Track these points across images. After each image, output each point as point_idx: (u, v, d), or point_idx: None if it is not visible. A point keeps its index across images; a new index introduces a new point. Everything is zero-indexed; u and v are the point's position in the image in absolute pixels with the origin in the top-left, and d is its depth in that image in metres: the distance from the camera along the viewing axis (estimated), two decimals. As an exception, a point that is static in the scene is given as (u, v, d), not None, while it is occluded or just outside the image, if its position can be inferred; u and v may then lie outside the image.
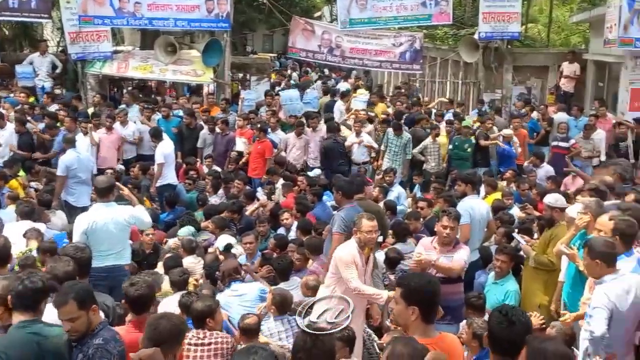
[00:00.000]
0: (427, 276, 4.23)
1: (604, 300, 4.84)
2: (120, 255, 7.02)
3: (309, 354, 3.54)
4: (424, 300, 3.92)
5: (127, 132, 13.20)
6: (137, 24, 16.06)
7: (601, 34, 15.48)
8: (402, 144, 13.03)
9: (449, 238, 6.57)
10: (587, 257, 5.01)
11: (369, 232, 6.02)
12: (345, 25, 16.67)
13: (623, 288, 4.92)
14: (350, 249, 6.13)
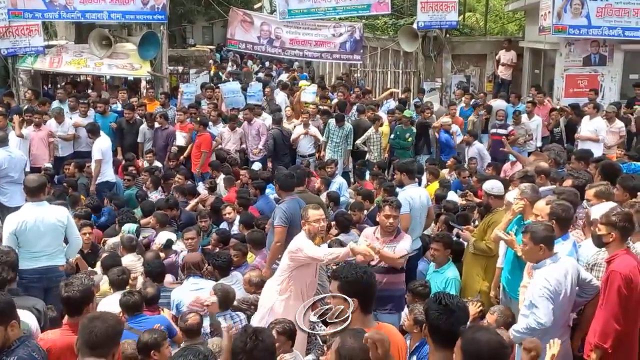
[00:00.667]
0: (362, 267, 4.18)
1: (548, 288, 4.90)
2: (53, 256, 6.81)
3: (249, 356, 3.46)
4: (362, 291, 3.89)
5: (62, 130, 12.81)
6: (69, 17, 15.65)
7: (536, 21, 15.80)
8: (344, 134, 13.04)
9: (392, 227, 6.55)
10: (529, 242, 5.05)
11: (317, 221, 6.01)
12: (284, 16, 16.57)
13: (561, 272, 4.99)
14: (301, 240, 6.09)
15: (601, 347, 4.90)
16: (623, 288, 4.83)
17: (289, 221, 6.96)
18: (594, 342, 4.94)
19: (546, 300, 4.88)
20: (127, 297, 5.80)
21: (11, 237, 6.57)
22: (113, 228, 9.50)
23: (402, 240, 6.63)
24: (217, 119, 13.73)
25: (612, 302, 4.86)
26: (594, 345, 4.94)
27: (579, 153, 9.55)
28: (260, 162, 12.98)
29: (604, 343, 4.88)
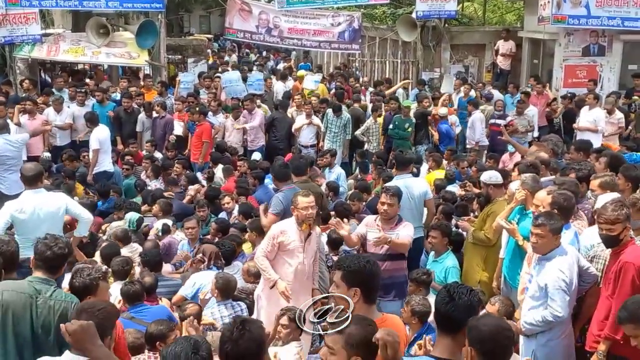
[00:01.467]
0: (365, 257, 4.17)
1: (565, 280, 4.93)
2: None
3: (235, 344, 3.45)
4: (365, 281, 3.88)
5: (60, 119, 12.76)
6: (67, 5, 15.54)
7: (535, 11, 15.76)
8: (342, 124, 13.01)
9: (386, 214, 6.54)
10: (547, 234, 5.01)
11: (305, 209, 6.04)
12: (282, 5, 16.50)
13: (570, 262, 5.04)
14: (283, 225, 6.24)
15: (612, 338, 4.85)
16: (636, 279, 4.80)
17: (283, 211, 6.94)
18: (604, 334, 4.90)
19: (562, 292, 4.93)
20: (128, 287, 5.80)
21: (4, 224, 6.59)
22: (112, 217, 9.52)
23: (404, 228, 6.61)
24: (217, 109, 13.67)
25: (625, 293, 4.79)
26: (604, 336, 4.91)
27: (578, 144, 9.55)
28: (259, 152, 12.95)
29: (615, 334, 4.82)
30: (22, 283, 4.44)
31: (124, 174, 11.60)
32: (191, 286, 6.80)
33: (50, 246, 4.51)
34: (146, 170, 11.64)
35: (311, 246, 6.21)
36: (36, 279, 4.44)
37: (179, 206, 9.78)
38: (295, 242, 6.11)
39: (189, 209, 9.78)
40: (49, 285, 4.42)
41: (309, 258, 6.19)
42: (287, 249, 6.11)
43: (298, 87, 16.64)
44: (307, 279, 6.23)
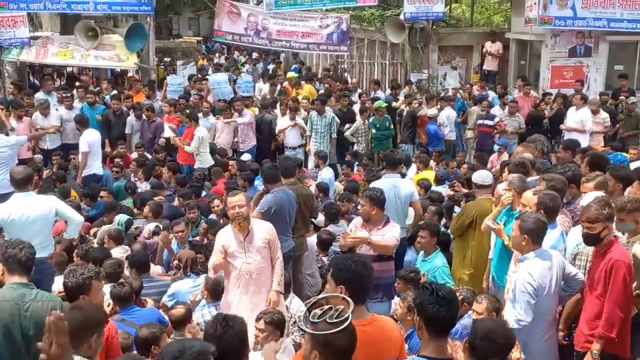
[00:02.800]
0: (355, 256, 4.20)
1: (531, 284, 4.93)
2: (42, 247, 6.74)
3: (219, 341, 3.51)
4: (351, 279, 3.90)
5: (48, 123, 12.73)
6: (55, 8, 15.51)
7: (522, 13, 15.90)
8: (327, 123, 13.06)
9: (364, 214, 6.57)
10: (516, 229, 5.11)
11: (232, 207, 6.05)
12: (271, 7, 16.55)
13: (545, 266, 5.02)
14: (223, 230, 6.36)
15: (607, 336, 4.88)
16: (627, 276, 4.86)
17: (270, 212, 6.98)
18: (598, 333, 4.91)
19: (527, 295, 4.92)
20: (119, 289, 5.81)
21: None
22: (101, 220, 9.51)
23: (391, 229, 6.64)
24: (207, 111, 13.69)
25: (618, 290, 4.85)
26: (598, 335, 4.92)
27: (566, 143, 9.66)
28: (249, 153, 12.98)
29: (610, 333, 4.87)
30: (3, 291, 4.42)
31: (113, 176, 11.60)
32: (170, 295, 6.83)
33: (19, 247, 4.58)
34: (136, 172, 11.65)
35: (253, 244, 6.12)
36: (16, 285, 4.44)
37: (169, 208, 9.78)
38: (234, 244, 6.11)
39: (179, 211, 9.79)
40: (30, 289, 4.46)
41: (253, 257, 6.10)
42: (229, 252, 6.12)
43: (288, 88, 16.67)
44: (256, 278, 6.12)
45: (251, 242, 6.13)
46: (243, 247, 6.10)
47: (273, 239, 6.24)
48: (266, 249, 6.18)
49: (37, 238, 6.68)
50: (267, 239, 6.18)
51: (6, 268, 4.54)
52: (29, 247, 4.61)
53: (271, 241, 6.21)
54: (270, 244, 6.21)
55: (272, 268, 6.20)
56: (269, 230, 6.24)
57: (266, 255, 6.18)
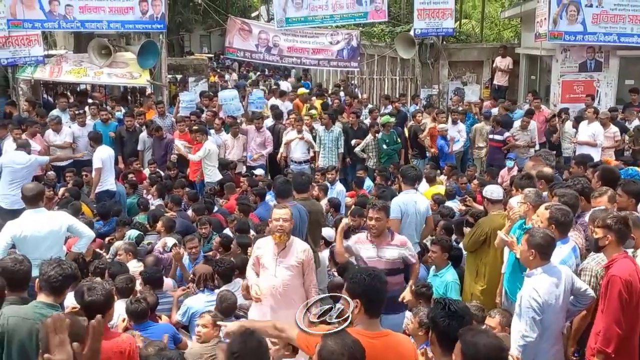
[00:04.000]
0: (370, 270, 4.21)
1: (536, 300, 4.90)
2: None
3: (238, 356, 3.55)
4: (365, 293, 3.93)
5: (60, 139, 12.86)
6: (69, 27, 15.68)
7: (532, 28, 15.95)
8: (334, 137, 13.12)
9: (375, 229, 6.47)
10: (524, 243, 5.11)
11: (277, 219, 6.08)
12: (282, 24, 16.68)
13: (552, 281, 4.99)
14: (261, 239, 6.41)
15: (604, 352, 4.90)
16: (624, 292, 4.85)
17: None
18: (597, 347, 4.93)
19: (532, 312, 4.89)
20: (135, 305, 5.84)
21: (6, 245, 6.62)
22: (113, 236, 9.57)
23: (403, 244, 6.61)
24: (219, 127, 13.79)
25: (614, 306, 4.87)
26: (596, 350, 4.94)
27: (579, 158, 9.66)
28: (261, 168, 13.05)
29: (606, 348, 4.89)
30: (28, 309, 4.43)
31: (126, 192, 11.69)
32: (184, 312, 6.87)
33: (53, 267, 4.53)
34: (148, 189, 11.74)
35: (286, 260, 6.14)
36: (41, 304, 4.45)
37: (182, 223, 9.84)
38: (268, 255, 6.17)
39: (192, 227, 9.84)
40: (54, 310, 4.42)
41: (282, 272, 6.12)
42: (261, 262, 6.20)
43: (299, 104, 16.77)
44: (283, 293, 6.12)
45: (284, 258, 6.16)
46: (275, 260, 6.14)
47: (308, 261, 6.23)
48: (298, 268, 6.18)
49: (48, 254, 6.70)
50: (302, 259, 6.17)
51: (38, 284, 4.55)
52: (64, 268, 4.55)
53: (305, 263, 6.20)
54: (304, 266, 6.21)
55: (302, 288, 6.21)
56: (305, 251, 6.25)
57: (296, 274, 6.17)
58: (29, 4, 14.70)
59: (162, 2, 15.24)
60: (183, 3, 25.52)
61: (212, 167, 12.13)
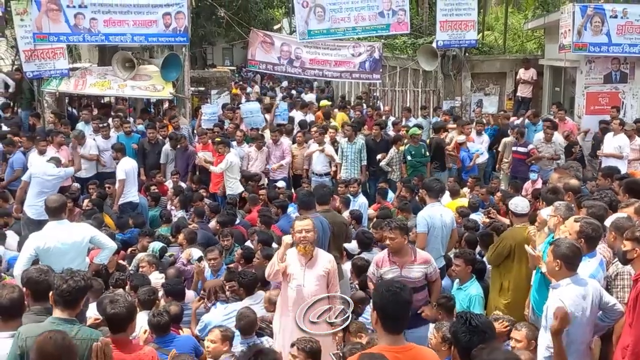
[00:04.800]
0: (393, 286, 4.12)
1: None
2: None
3: None
4: (381, 307, 3.90)
5: (84, 152, 12.98)
6: (93, 40, 15.82)
7: (556, 39, 15.81)
8: (357, 149, 13.08)
9: (392, 247, 6.45)
10: (550, 254, 5.04)
11: (299, 231, 6.11)
12: (304, 36, 16.71)
13: (579, 293, 4.92)
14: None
15: None
16: None
17: None
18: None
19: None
20: (158, 319, 5.83)
21: (29, 257, 6.64)
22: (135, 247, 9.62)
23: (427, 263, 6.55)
24: (241, 139, 13.84)
25: None
26: None
27: (605, 170, 9.54)
28: (284, 181, 13.04)
29: None
30: (45, 327, 4.35)
31: (149, 204, 11.74)
32: (203, 327, 6.86)
33: (66, 279, 4.48)
34: (172, 200, 11.79)
35: (313, 271, 6.15)
36: (57, 320, 4.41)
37: (204, 235, 9.85)
38: (294, 266, 6.17)
39: (214, 239, 9.85)
40: (72, 325, 4.42)
41: (312, 282, 6.11)
42: (287, 273, 6.20)
43: (320, 117, 16.78)
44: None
45: (311, 268, 6.17)
46: (303, 271, 6.14)
47: (333, 271, 6.26)
48: (324, 278, 6.20)
49: (71, 266, 6.69)
50: (328, 269, 6.21)
51: (52, 298, 4.52)
52: (76, 280, 4.50)
53: (331, 273, 6.22)
54: (330, 276, 6.22)
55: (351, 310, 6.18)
56: (331, 262, 6.29)
57: (323, 285, 6.18)
58: (55, 17, 14.87)
59: (185, 15, 15.33)
60: (206, 16, 25.67)
61: (234, 180, 12.16)
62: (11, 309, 4.63)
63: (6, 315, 4.62)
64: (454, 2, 16.56)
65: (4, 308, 4.61)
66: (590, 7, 14.65)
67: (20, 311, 4.70)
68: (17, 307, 4.67)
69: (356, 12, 16.55)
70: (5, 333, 4.53)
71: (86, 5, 15.08)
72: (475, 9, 16.93)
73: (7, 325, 4.59)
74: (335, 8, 16.57)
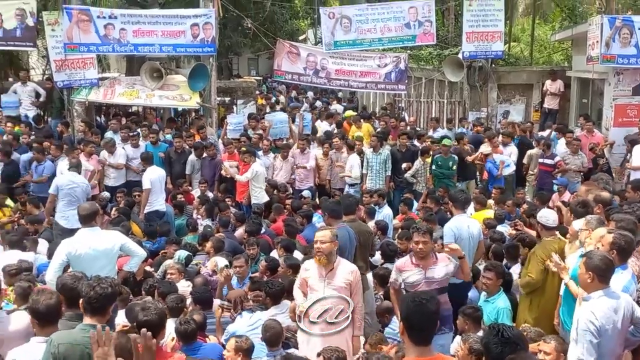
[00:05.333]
0: (419, 296, 4.09)
1: (593, 323, 4.80)
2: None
3: None
4: (407, 318, 3.89)
5: (114, 160, 13.15)
6: (122, 50, 16.03)
7: (583, 51, 15.69)
8: (382, 160, 13.08)
9: (423, 252, 6.49)
10: (582, 266, 5.00)
11: (316, 242, 6.16)
12: (330, 47, 16.79)
13: (611, 306, 4.89)
14: (307, 261, 6.45)
15: None
16: None
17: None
18: None
19: (590, 335, 4.80)
20: (185, 327, 5.88)
21: (61, 263, 6.74)
22: (159, 258, 9.68)
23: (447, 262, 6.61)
24: (267, 149, 13.91)
25: None
26: None
27: (636, 183, 9.44)
28: (310, 191, 13.10)
29: None
30: (76, 334, 4.42)
31: (175, 213, 11.84)
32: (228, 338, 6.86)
33: (93, 286, 4.52)
34: (198, 209, 11.87)
35: (334, 282, 6.14)
36: (88, 327, 4.44)
37: (230, 244, 9.92)
38: (314, 277, 6.20)
39: (240, 247, 9.91)
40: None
41: (331, 293, 6.10)
42: (309, 284, 6.24)
43: (347, 127, 16.83)
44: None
45: (332, 279, 6.17)
46: (323, 281, 6.15)
47: (355, 282, 6.22)
48: (346, 289, 6.17)
49: (101, 272, 6.74)
50: (349, 280, 6.17)
51: (82, 305, 4.57)
52: (103, 287, 4.52)
53: (353, 284, 6.19)
54: (352, 287, 6.19)
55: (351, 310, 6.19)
56: (353, 273, 6.25)
57: (345, 295, 6.16)
58: (85, 28, 15.10)
59: (213, 26, 15.48)
60: (232, 27, 25.86)
61: (260, 189, 12.22)
62: (48, 315, 4.72)
63: (43, 320, 4.71)
64: (480, 14, 16.54)
65: (41, 314, 4.70)
66: (618, 18, 14.53)
67: (56, 317, 4.78)
68: (54, 313, 4.76)
69: (382, 23, 16.61)
70: (40, 338, 4.62)
71: (116, 16, 15.33)
72: (502, 20, 16.89)
73: (43, 331, 4.68)
74: (361, 19, 16.66)
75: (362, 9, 17.29)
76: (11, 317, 5.42)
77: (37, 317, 4.71)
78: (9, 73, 19.54)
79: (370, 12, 16.94)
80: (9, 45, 16.39)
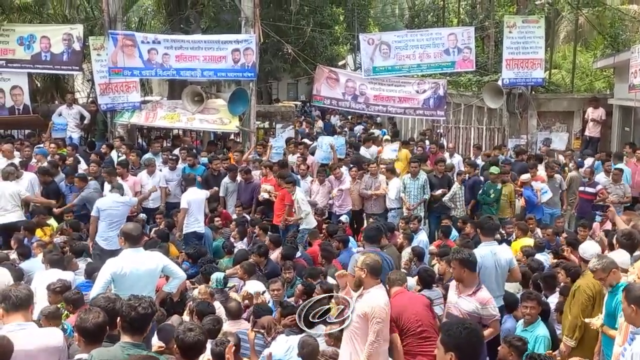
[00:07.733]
0: (466, 323, 4.04)
1: None
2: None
3: None
4: (459, 347, 3.81)
5: (152, 181, 13.31)
6: (165, 74, 16.37)
7: (625, 79, 15.49)
8: (420, 185, 13.04)
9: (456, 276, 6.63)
10: (624, 301, 4.91)
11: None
12: (369, 73, 16.89)
13: None
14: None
15: None
16: None
17: None
18: None
19: None
20: (220, 348, 5.90)
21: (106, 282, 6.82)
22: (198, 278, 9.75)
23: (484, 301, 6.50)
24: (305, 172, 13.97)
25: None
26: None
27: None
28: (347, 216, 13.08)
29: None
30: (116, 350, 4.55)
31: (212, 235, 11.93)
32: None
33: (134, 307, 4.66)
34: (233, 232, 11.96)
35: (357, 308, 6.00)
36: (127, 345, 4.58)
37: (273, 266, 9.95)
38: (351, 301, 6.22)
39: (277, 270, 9.92)
40: (141, 350, 4.59)
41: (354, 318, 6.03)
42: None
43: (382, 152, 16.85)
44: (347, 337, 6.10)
45: (357, 305, 6.10)
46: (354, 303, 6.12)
47: (372, 316, 5.91)
48: (362, 319, 5.96)
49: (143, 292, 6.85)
50: (365, 312, 5.93)
51: (121, 324, 4.68)
52: (144, 307, 4.68)
53: (369, 316, 5.92)
54: (368, 318, 5.93)
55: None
56: (373, 308, 5.92)
57: (362, 325, 5.97)
58: (130, 52, 15.48)
59: (253, 52, 15.71)
60: (272, 52, 26.22)
61: (308, 214, 12.19)
62: (95, 333, 4.79)
63: (90, 338, 4.78)
64: (520, 41, 16.49)
65: (89, 332, 4.77)
66: (662, 46, 14.35)
67: (102, 336, 4.85)
68: (101, 331, 4.84)
69: (421, 50, 16.67)
70: (85, 355, 4.71)
71: (159, 41, 15.68)
72: (543, 47, 16.80)
73: (87, 348, 4.75)
74: (400, 45, 16.75)
75: (401, 35, 17.40)
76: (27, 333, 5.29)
77: (84, 334, 4.79)
78: (55, 96, 20.05)
79: (409, 38, 17.04)
80: (56, 69, 16.89)
